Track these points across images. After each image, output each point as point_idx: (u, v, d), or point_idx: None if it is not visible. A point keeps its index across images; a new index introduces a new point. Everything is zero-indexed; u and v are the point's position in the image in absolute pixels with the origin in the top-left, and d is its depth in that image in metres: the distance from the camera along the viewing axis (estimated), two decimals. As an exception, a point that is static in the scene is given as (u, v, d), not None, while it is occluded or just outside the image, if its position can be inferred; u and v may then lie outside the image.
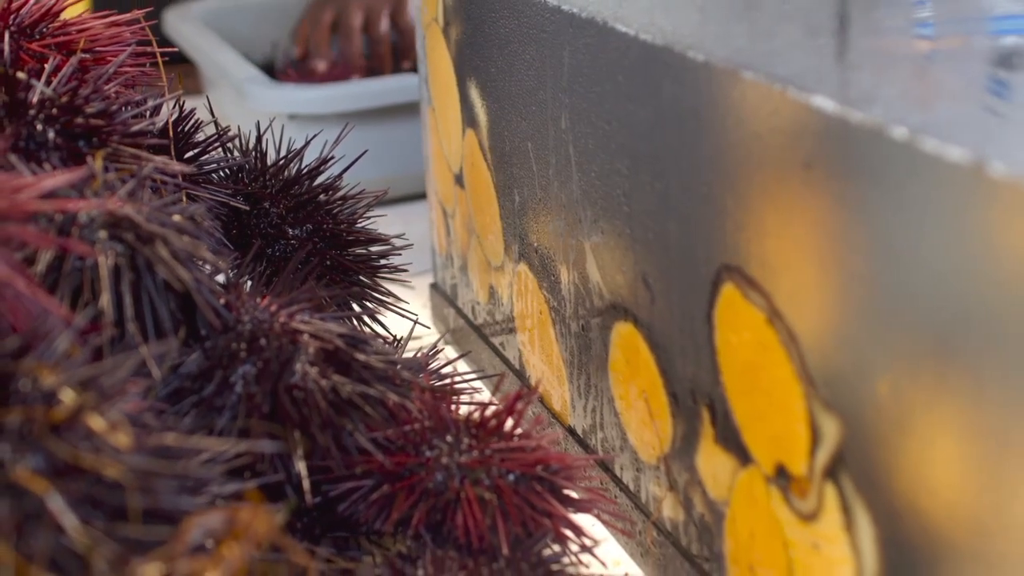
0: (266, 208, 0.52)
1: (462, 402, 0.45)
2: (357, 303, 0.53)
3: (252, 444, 0.37)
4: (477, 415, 0.43)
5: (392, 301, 0.54)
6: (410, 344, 0.51)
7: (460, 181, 0.64)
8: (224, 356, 0.41)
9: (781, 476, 0.40)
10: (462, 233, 0.66)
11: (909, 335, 0.33)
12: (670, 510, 0.48)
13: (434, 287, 0.72)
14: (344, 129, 0.55)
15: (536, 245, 0.56)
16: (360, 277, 0.54)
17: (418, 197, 0.80)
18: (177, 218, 0.39)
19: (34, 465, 0.29)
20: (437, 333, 0.71)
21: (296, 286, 0.45)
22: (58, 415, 0.30)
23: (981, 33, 0.31)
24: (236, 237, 0.52)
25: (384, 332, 0.53)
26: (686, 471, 0.46)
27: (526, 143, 0.54)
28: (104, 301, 0.37)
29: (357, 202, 0.54)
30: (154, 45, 0.47)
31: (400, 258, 0.55)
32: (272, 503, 0.39)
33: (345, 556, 0.43)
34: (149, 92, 0.46)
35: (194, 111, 0.50)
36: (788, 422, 0.39)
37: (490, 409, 0.44)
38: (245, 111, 0.86)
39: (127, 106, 0.43)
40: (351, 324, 0.52)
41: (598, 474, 0.53)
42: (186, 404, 0.40)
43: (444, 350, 0.52)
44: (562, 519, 0.43)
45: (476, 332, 0.65)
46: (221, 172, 0.52)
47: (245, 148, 0.53)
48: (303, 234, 0.52)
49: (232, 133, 0.52)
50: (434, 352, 0.49)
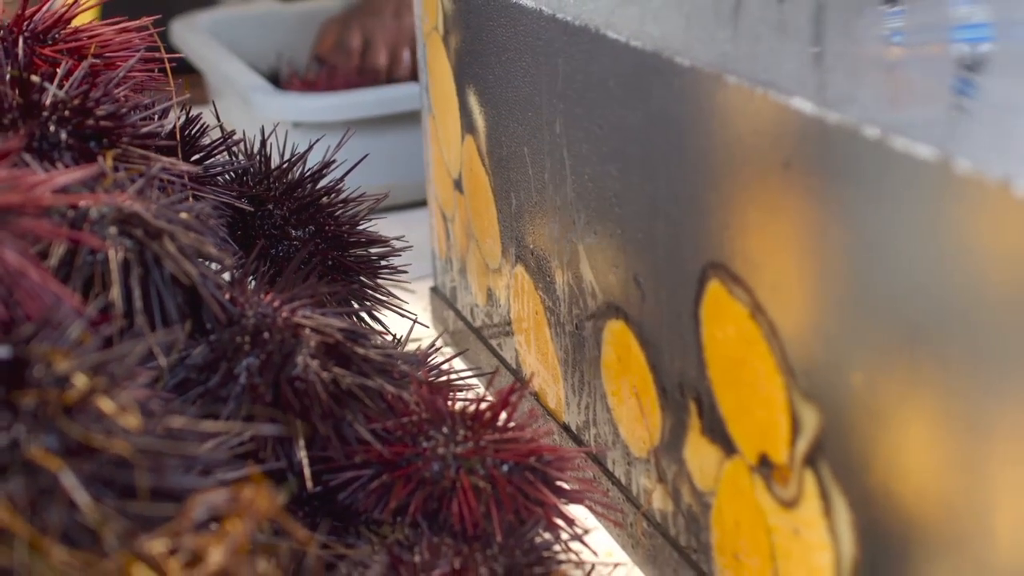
0: (270, 210, 0.54)
1: (458, 396, 0.47)
2: (357, 302, 0.54)
3: (254, 427, 0.39)
4: (472, 408, 0.45)
5: (391, 300, 0.55)
6: (409, 344, 0.52)
7: (459, 186, 0.66)
8: (229, 349, 0.42)
9: (764, 465, 0.41)
10: (461, 237, 0.67)
11: (883, 328, 0.35)
12: (659, 501, 0.49)
13: (434, 290, 0.74)
14: (345, 135, 0.57)
15: (532, 247, 0.57)
16: (361, 277, 0.56)
17: (419, 204, 0.82)
18: (184, 216, 0.41)
19: (48, 444, 0.31)
20: (436, 333, 0.72)
21: (298, 283, 0.46)
22: (71, 398, 0.32)
23: (949, 41, 0.32)
24: (241, 238, 0.54)
25: (384, 331, 0.54)
26: (675, 463, 0.47)
27: (522, 148, 0.56)
28: (114, 294, 0.38)
29: (358, 205, 0.56)
30: (162, 51, 0.48)
31: (400, 260, 0.57)
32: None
33: (344, 542, 0.44)
34: (157, 96, 0.47)
35: (200, 115, 0.52)
36: (770, 413, 0.40)
37: (485, 402, 0.45)
38: (250, 119, 0.87)
39: (136, 109, 0.45)
40: (352, 321, 0.53)
41: (591, 468, 0.54)
42: (192, 394, 0.42)
43: (442, 348, 0.53)
44: (554, 508, 0.44)
45: (475, 333, 0.67)
46: (226, 175, 0.53)
47: (250, 152, 0.55)
48: (306, 235, 0.54)
49: (237, 137, 0.54)
50: (432, 349, 0.50)
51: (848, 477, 0.37)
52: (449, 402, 0.46)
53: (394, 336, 0.53)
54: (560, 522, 0.44)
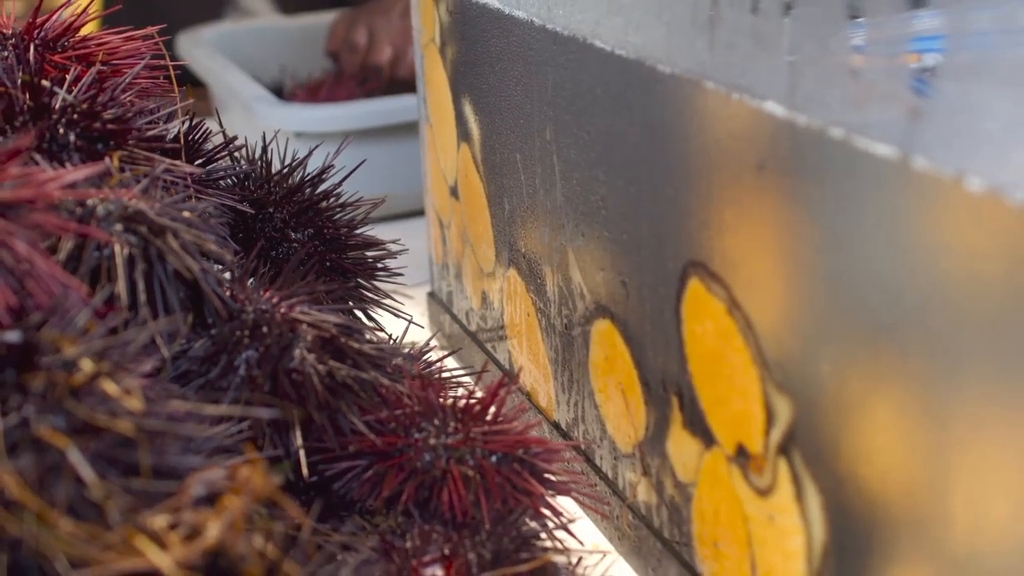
0: (270, 213, 0.56)
1: (450, 391, 0.48)
2: (354, 302, 0.56)
3: (251, 411, 0.41)
4: (463, 402, 0.47)
5: (387, 301, 0.57)
6: (405, 345, 0.54)
7: (455, 193, 0.68)
8: (229, 342, 0.44)
9: (741, 455, 0.43)
10: (457, 243, 0.69)
11: (849, 321, 0.37)
12: (644, 494, 0.51)
13: (431, 295, 0.75)
14: (343, 142, 0.59)
15: (524, 251, 0.59)
16: (358, 279, 0.58)
17: (418, 214, 0.84)
18: (187, 214, 0.43)
19: (56, 424, 0.33)
20: (430, 333, 0.74)
21: (297, 281, 0.48)
22: (77, 381, 0.34)
23: (907, 51, 0.34)
24: (242, 240, 0.56)
25: (382, 335, 0.56)
26: (658, 456, 0.49)
27: (515, 154, 0.58)
28: (119, 287, 0.40)
29: (355, 209, 0.57)
30: (167, 59, 0.50)
31: (399, 266, 0.58)
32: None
33: (338, 530, 0.46)
34: (162, 102, 0.49)
35: (204, 121, 0.53)
36: (746, 404, 0.42)
37: (475, 397, 0.47)
38: (254, 129, 0.89)
39: (141, 113, 0.47)
40: (348, 317, 0.55)
41: (580, 464, 0.56)
42: (193, 385, 0.43)
43: (435, 347, 0.55)
44: (540, 498, 0.46)
45: (470, 336, 0.69)
46: (229, 180, 0.55)
47: (251, 157, 0.57)
48: (305, 238, 0.56)
49: (239, 143, 0.55)
50: (426, 348, 0.52)
51: (818, 465, 0.39)
52: (441, 396, 0.47)
53: (390, 336, 0.55)
54: (546, 511, 0.46)
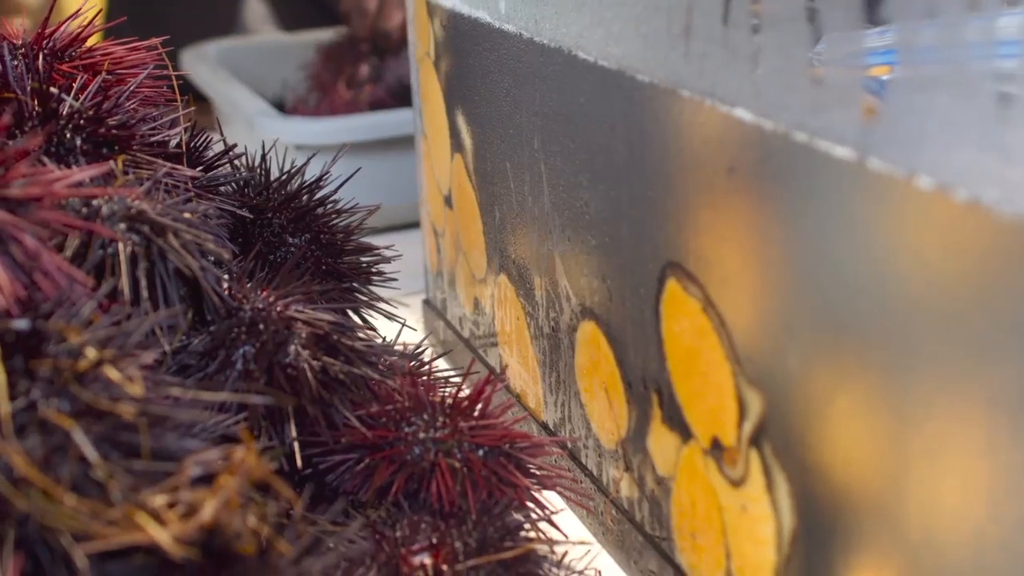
0: (268, 218, 0.58)
1: (439, 389, 0.50)
2: (349, 305, 0.58)
3: (247, 397, 0.43)
4: (451, 398, 0.49)
5: (381, 305, 0.59)
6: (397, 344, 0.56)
7: (449, 202, 0.70)
8: (227, 338, 0.46)
9: (716, 448, 0.45)
10: (451, 251, 0.71)
11: (814, 317, 0.39)
12: (626, 489, 0.53)
13: (426, 302, 0.77)
14: (340, 150, 0.61)
15: (514, 257, 0.61)
16: (354, 284, 0.60)
17: (414, 225, 0.86)
18: (187, 215, 0.45)
19: (61, 407, 0.35)
20: (423, 336, 0.76)
21: (293, 282, 0.50)
22: (82, 367, 0.36)
23: (864, 62, 0.36)
24: (241, 245, 0.58)
25: (374, 334, 0.58)
26: (640, 452, 0.51)
27: (505, 163, 0.60)
28: (123, 283, 0.42)
29: (351, 215, 0.60)
30: (170, 69, 0.52)
31: (392, 270, 0.60)
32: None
33: (330, 520, 0.48)
34: (165, 110, 0.52)
35: (205, 130, 0.56)
36: (720, 399, 0.44)
37: (463, 393, 0.49)
38: (255, 141, 0.91)
39: (145, 120, 0.49)
40: (342, 316, 0.57)
41: (567, 463, 0.58)
42: (192, 379, 0.45)
43: (427, 348, 0.57)
44: (525, 490, 0.48)
45: (463, 342, 0.71)
46: (229, 186, 0.57)
47: (251, 165, 0.59)
48: (302, 242, 0.58)
49: (239, 151, 0.58)
50: (418, 349, 0.54)
51: (787, 455, 0.41)
52: (430, 393, 0.49)
53: (383, 338, 0.57)
54: (531, 504, 0.48)
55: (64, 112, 0.46)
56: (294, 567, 0.36)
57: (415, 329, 0.75)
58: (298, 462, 0.46)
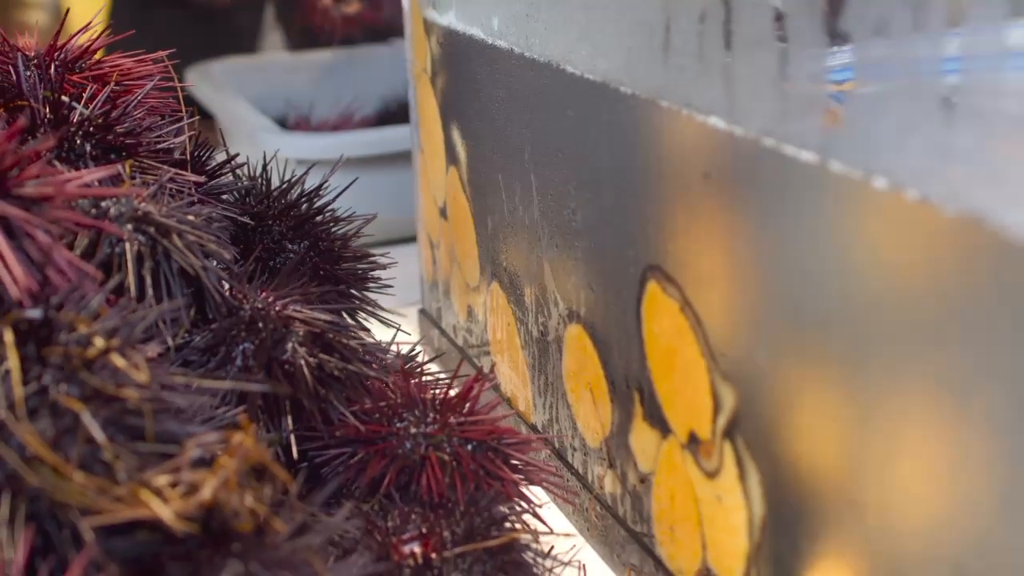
0: (269, 225, 0.60)
1: (429, 387, 0.53)
2: (345, 308, 0.61)
3: (246, 385, 0.45)
4: (441, 395, 0.51)
5: (377, 309, 0.61)
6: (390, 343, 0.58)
7: (444, 214, 0.72)
8: (227, 336, 0.48)
9: (692, 442, 0.47)
10: (446, 261, 0.73)
11: (782, 314, 0.41)
12: (610, 485, 0.55)
13: (422, 312, 0.80)
14: (338, 161, 0.63)
15: (505, 265, 0.63)
16: (351, 290, 0.62)
17: (411, 240, 0.88)
18: (191, 217, 0.47)
19: (71, 392, 0.37)
20: (418, 341, 0.78)
21: (291, 283, 0.52)
22: (90, 354, 0.38)
23: (826, 79, 0.38)
24: (242, 251, 0.60)
25: (368, 335, 0.60)
26: (623, 449, 0.53)
27: (497, 174, 0.62)
28: (129, 281, 0.45)
29: (348, 224, 0.62)
30: (175, 81, 0.55)
31: (388, 276, 0.63)
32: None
33: (324, 510, 0.50)
34: (170, 120, 0.54)
35: (208, 139, 0.58)
36: (697, 394, 0.46)
37: (452, 391, 0.51)
38: (258, 156, 0.94)
39: (151, 129, 0.51)
40: (339, 317, 0.59)
41: (555, 462, 0.60)
42: (194, 374, 0.48)
43: (421, 351, 0.59)
44: (511, 483, 0.50)
45: (457, 349, 0.73)
46: (231, 195, 0.60)
47: (252, 175, 0.61)
48: (301, 249, 0.60)
49: (240, 160, 0.60)
50: (412, 352, 0.56)
51: (758, 446, 0.43)
52: (421, 391, 0.52)
53: (380, 342, 0.59)
54: (517, 497, 0.50)
55: (74, 119, 0.49)
56: (288, 544, 0.38)
57: (409, 333, 0.77)
58: (294, 453, 0.48)
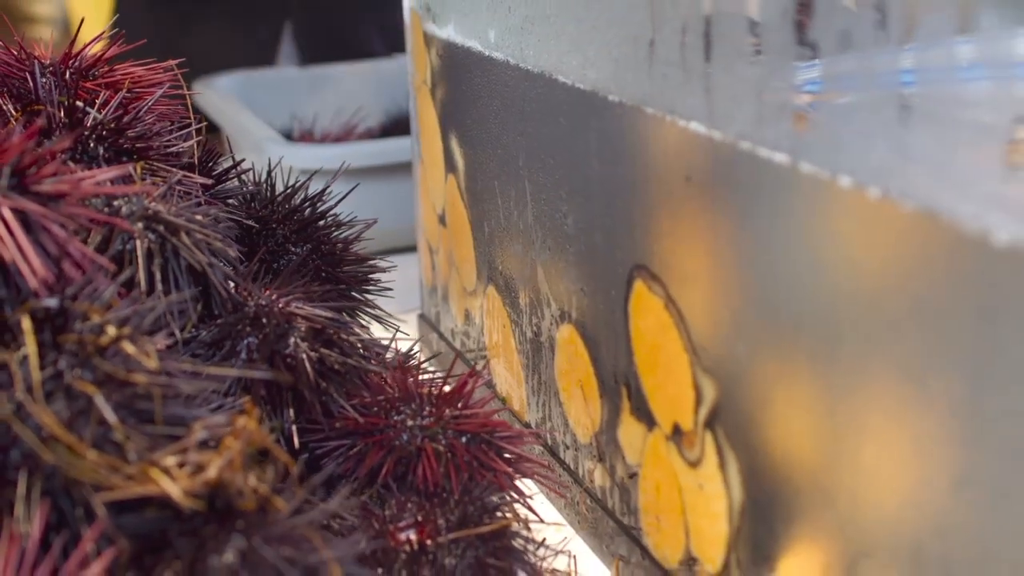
0: (272, 229, 0.62)
1: (426, 381, 0.55)
2: (346, 309, 0.63)
3: (249, 372, 0.47)
4: (437, 390, 0.53)
5: (376, 310, 0.64)
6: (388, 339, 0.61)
7: (443, 220, 0.74)
8: (232, 330, 0.51)
9: (676, 433, 0.49)
10: (444, 266, 0.76)
11: (759, 311, 0.43)
12: (599, 479, 0.57)
13: (421, 316, 0.82)
14: (339, 168, 0.65)
15: (501, 268, 0.66)
16: (352, 293, 0.64)
17: (412, 248, 0.90)
18: (198, 216, 0.49)
19: (85, 377, 0.39)
20: (417, 342, 0.80)
21: (294, 282, 0.55)
22: (103, 342, 0.40)
23: (797, 86, 0.41)
24: (246, 253, 0.62)
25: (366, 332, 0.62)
26: (611, 443, 0.55)
27: (493, 181, 0.65)
28: (139, 277, 0.47)
29: (349, 228, 0.64)
30: (184, 89, 0.57)
31: (387, 279, 0.65)
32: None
33: (322, 499, 0.52)
34: (179, 125, 0.56)
35: (215, 145, 0.60)
36: (680, 387, 0.48)
37: (447, 386, 0.53)
38: (263, 166, 0.96)
39: (161, 134, 0.54)
40: (339, 314, 0.62)
41: (547, 457, 0.62)
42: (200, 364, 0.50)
43: (420, 351, 0.62)
44: (504, 474, 0.52)
45: (455, 351, 0.75)
46: (236, 199, 0.62)
47: (257, 180, 0.63)
48: (303, 251, 0.63)
49: (246, 166, 0.62)
50: (411, 351, 0.59)
51: (738, 436, 0.45)
52: (417, 386, 0.54)
53: (377, 340, 0.61)
54: (509, 488, 0.52)
55: (88, 123, 0.51)
56: (288, 521, 0.40)
57: (407, 335, 0.80)
58: (296, 443, 0.50)
